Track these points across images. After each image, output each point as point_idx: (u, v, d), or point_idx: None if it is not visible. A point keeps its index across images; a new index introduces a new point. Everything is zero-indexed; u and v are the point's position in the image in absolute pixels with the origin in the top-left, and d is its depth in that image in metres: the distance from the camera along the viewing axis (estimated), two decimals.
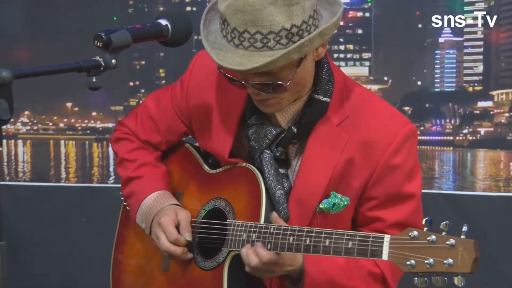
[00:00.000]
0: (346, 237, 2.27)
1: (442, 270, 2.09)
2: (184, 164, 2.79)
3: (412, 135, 2.53)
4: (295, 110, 2.53)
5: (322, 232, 2.32)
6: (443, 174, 4.52)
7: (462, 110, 4.46)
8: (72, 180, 4.96)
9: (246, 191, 2.55)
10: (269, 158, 2.54)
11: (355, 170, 2.50)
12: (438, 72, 4.48)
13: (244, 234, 2.48)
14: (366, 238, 2.24)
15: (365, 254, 2.23)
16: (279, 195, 2.51)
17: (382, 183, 2.50)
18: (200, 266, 2.61)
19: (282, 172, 2.55)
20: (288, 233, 2.37)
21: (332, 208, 2.51)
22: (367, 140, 2.49)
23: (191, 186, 2.74)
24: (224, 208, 2.60)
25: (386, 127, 2.51)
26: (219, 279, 2.53)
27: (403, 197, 2.53)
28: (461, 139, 4.46)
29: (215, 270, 2.56)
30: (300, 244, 2.35)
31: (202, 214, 2.65)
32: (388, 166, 2.49)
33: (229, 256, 2.53)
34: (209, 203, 2.65)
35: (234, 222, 2.52)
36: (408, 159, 2.52)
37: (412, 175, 2.54)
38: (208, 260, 2.59)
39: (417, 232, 2.14)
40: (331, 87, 2.52)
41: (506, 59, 4.39)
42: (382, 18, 4.55)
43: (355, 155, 2.49)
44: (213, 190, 2.65)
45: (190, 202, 2.71)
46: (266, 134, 2.54)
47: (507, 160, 4.41)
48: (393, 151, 2.49)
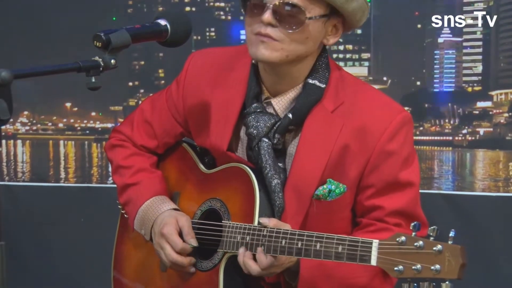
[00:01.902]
0: (336, 241, 2.29)
1: (429, 276, 2.10)
2: (181, 164, 2.78)
3: (408, 122, 2.54)
4: (291, 97, 2.54)
5: (313, 235, 2.33)
6: (442, 174, 4.52)
7: (461, 110, 4.46)
8: (72, 180, 4.96)
9: (240, 192, 2.55)
10: (267, 147, 2.54)
11: (350, 157, 2.50)
12: (438, 72, 4.48)
13: (239, 236, 2.49)
14: (355, 242, 2.25)
15: (355, 259, 2.25)
16: (276, 184, 2.51)
17: (378, 170, 2.50)
18: (197, 267, 2.61)
19: (279, 165, 2.56)
20: (280, 236, 2.38)
21: (328, 194, 2.51)
22: (362, 126, 2.50)
23: (187, 186, 2.73)
24: (219, 209, 2.59)
25: (381, 113, 2.52)
26: (215, 280, 2.54)
27: (400, 185, 2.52)
28: (460, 139, 4.46)
29: (211, 271, 2.57)
30: (292, 247, 2.36)
31: (198, 215, 2.65)
32: (383, 152, 2.49)
33: (224, 257, 2.53)
34: (204, 204, 2.65)
35: (229, 224, 2.52)
36: (404, 146, 2.52)
37: (408, 162, 2.54)
38: (205, 261, 2.59)
39: (405, 237, 2.15)
40: (327, 75, 2.54)
41: (505, 59, 4.39)
42: (381, 18, 4.55)
43: (350, 141, 2.50)
44: (209, 191, 2.65)
45: (186, 202, 2.71)
46: (264, 122, 2.54)
47: (506, 160, 4.41)
48: (388, 137, 2.49)
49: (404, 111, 2.56)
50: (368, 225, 2.54)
